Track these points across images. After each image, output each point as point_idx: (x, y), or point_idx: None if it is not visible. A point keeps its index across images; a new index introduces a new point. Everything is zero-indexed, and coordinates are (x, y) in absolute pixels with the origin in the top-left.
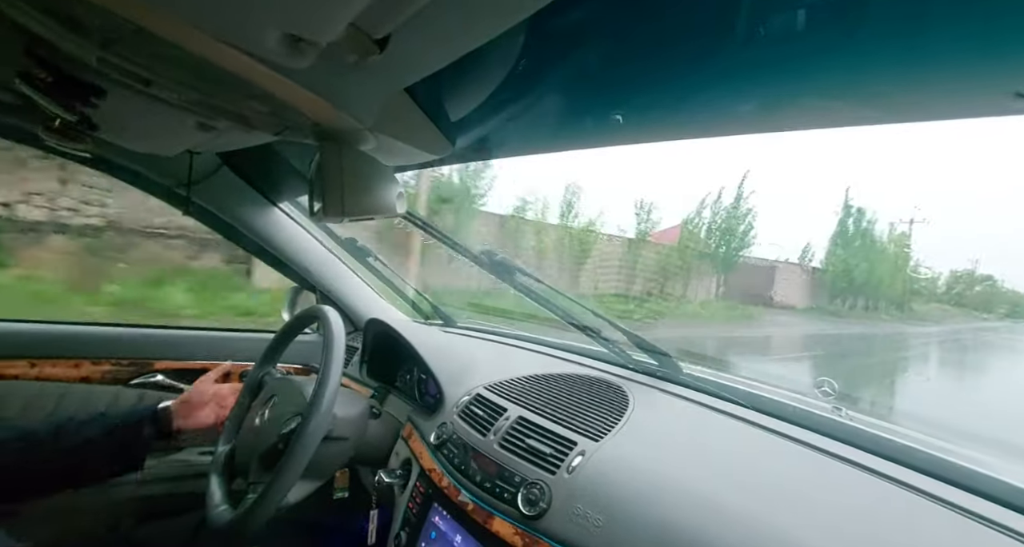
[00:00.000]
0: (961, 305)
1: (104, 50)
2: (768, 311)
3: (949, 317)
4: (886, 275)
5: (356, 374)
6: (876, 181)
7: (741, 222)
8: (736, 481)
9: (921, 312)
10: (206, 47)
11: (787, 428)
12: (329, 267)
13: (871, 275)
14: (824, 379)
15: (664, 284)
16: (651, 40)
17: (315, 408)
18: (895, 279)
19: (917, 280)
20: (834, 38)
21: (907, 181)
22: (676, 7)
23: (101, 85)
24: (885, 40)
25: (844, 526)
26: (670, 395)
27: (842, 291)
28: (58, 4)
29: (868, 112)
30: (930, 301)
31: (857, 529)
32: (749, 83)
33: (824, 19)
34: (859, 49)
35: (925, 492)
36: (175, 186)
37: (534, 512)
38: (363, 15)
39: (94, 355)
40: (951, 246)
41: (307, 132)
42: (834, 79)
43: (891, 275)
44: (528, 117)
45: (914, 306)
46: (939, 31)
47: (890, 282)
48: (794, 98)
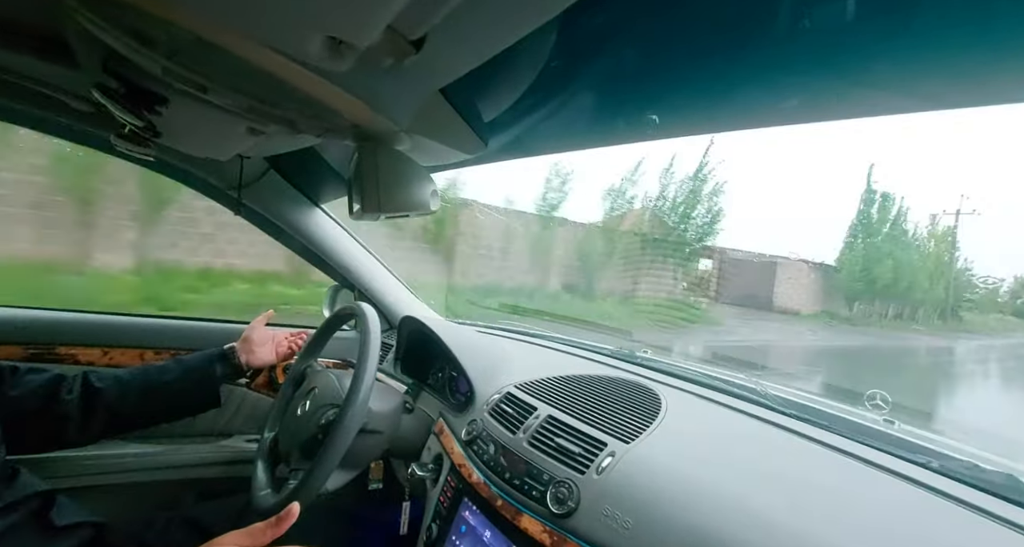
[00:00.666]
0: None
1: (169, 60)
2: (748, 313)
3: (1011, 328)
4: (923, 275)
5: (391, 370)
6: (911, 166)
7: (704, 202)
8: (775, 490)
9: (974, 323)
10: (256, 54)
11: (832, 438)
12: (367, 266)
13: (902, 274)
14: (876, 391)
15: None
16: (687, 36)
17: (352, 401)
18: (936, 280)
19: (969, 283)
20: (881, 24)
21: (951, 167)
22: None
23: (164, 94)
24: (942, 23)
25: (895, 543)
26: (705, 400)
27: (861, 294)
28: (131, 21)
29: (916, 101)
30: (988, 311)
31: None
32: (793, 75)
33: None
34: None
35: (988, 512)
36: (227, 189)
37: (562, 511)
38: (400, 17)
39: (157, 345)
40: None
41: (347, 134)
42: (885, 67)
43: (931, 275)
44: (561, 115)
45: (964, 315)
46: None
47: (929, 285)
48: (839, 88)
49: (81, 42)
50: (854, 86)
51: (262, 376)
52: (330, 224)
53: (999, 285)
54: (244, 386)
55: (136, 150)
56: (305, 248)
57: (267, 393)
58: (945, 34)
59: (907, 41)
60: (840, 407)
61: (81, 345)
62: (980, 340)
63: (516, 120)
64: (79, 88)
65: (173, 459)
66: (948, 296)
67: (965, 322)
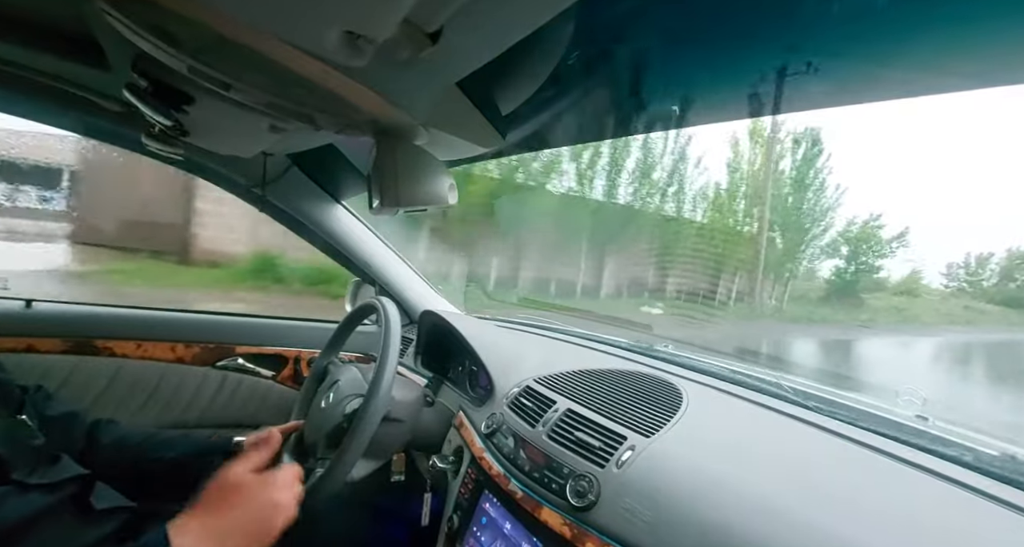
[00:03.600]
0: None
1: (194, 59)
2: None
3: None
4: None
5: (411, 364)
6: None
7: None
8: (800, 486)
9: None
10: (276, 50)
11: (860, 434)
12: (387, 261)
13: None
14: (909, 387)
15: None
16: (709, 21)
17: (375, 389)
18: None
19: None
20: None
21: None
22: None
23: (190, 92)
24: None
25: (926, 541)
26: (728, 395)
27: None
28: (158, 20)
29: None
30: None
31: (941, 541)
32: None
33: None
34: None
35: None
36: (251, 186)
37: (582, 504)
38: (416, 10)
39: (187, 339)
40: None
41: (365, 128)
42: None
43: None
44: (578, 106)
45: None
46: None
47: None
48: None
49: (112, 43)
50: (885, 68)
51: (287, 369)
52: (351, 220)
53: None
54: (270, 380)
55: (165, 149)
56: (327, 244)
57: (292, 386)
58: (982, 12)
59: (941, 22)
60: (869, 403)
61: (117, 338)
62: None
63: (533, 112)
64: (111, 89)
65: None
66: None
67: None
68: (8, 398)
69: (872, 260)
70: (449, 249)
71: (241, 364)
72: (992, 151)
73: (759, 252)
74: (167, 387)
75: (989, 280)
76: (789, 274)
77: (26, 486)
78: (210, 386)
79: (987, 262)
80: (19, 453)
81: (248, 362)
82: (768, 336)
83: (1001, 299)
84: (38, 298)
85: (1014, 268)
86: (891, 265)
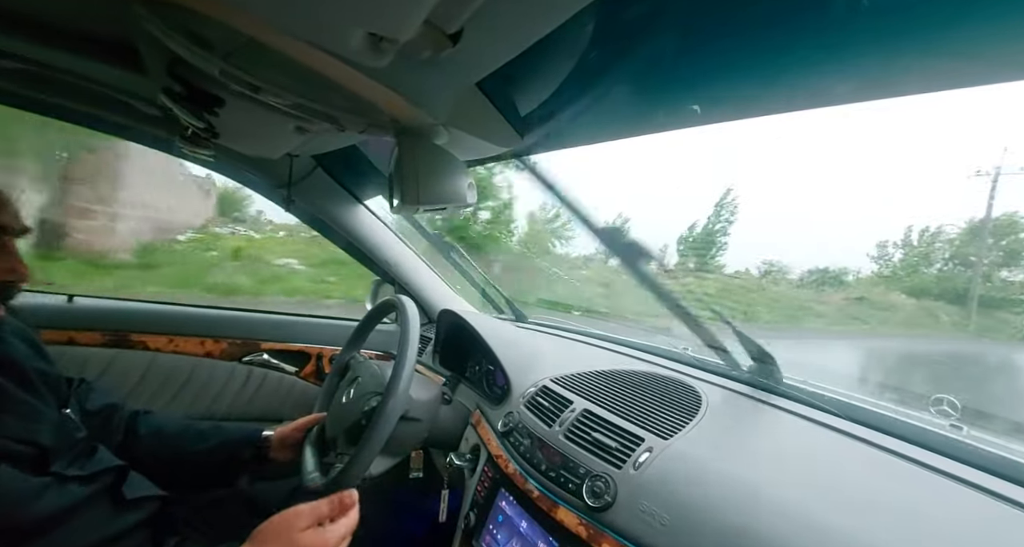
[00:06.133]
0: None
1: (225, 62)
2: None
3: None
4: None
5: (430, 363)
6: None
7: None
8: (820, 491)
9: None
10: (302, 52)
11: (889, 441)
12: (407, 261)
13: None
14: (943, 396)
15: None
16: (733, 17)
17: (393, 388)
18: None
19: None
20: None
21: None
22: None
23: (222, 95)
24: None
25: None
26: (748, 398)
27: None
28: (191, 25)
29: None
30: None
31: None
32: (848, 55)
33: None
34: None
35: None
36: (278, 187)
37: (599, 504)
38: (436, 10)
39: (215, 334)
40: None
41: (387, 128)
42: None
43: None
44: (597, 106)
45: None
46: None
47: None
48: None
49: (149, 49)
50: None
51: (309, 365)
52: (372, 220)
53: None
54: (293, 375)
55: (197, 151)
56: (349, 243)
57: (314, 382)
58: (1006, 9)
59: (973, 13)
60: (899, 410)
61: (150, 333)
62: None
63: (552, 112)
64: (147, 93)
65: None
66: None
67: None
68: (57, 392)
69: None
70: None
71: (266, 360)
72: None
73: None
74: (196, 380)
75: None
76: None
77: (64, 478)
78: (237, 380)
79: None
80: (63, 446)
81: (273, 358)
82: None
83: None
84: (79, 293)
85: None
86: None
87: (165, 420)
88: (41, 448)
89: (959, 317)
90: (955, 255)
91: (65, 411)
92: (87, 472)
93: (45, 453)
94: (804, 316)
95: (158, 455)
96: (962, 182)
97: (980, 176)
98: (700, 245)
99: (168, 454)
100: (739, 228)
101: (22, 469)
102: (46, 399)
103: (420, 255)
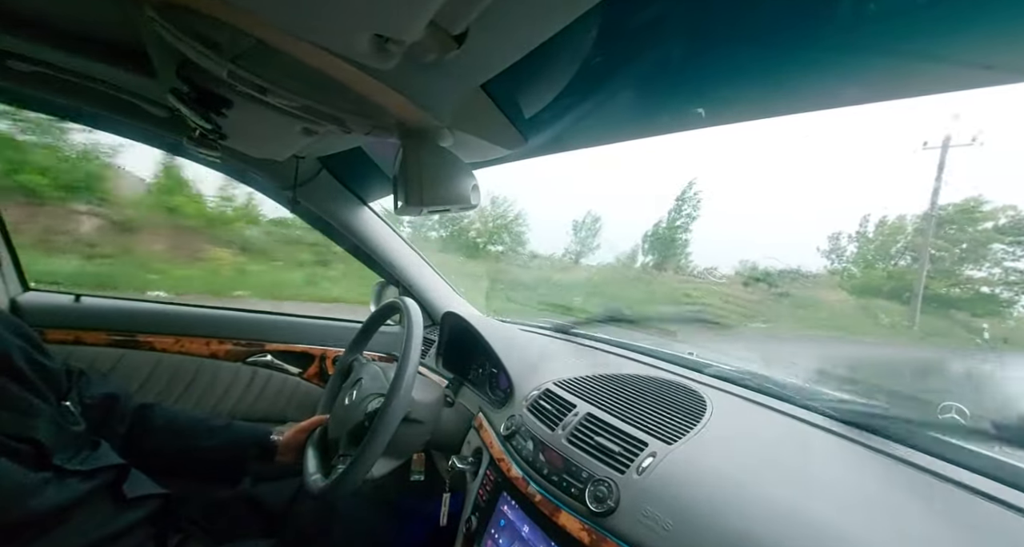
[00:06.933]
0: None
1: (234, 64)
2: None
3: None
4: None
5: (433, 365)
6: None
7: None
8: (826, 497)
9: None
10: (309, 54)
11: (898, 449)
12: (411, 263)
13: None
14: (951, 403)
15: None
16: (739, 20)
17: (396, 390)
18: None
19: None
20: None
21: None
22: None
23: (229, 97)
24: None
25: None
26: (754, 403)
27: None
28: (200, 27)
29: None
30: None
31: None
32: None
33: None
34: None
35: None
36: (283, 189)
37: (601, 509)
38: (442, 12)
39: (220, 335)
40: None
41: (392, 130)
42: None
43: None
44: (602, 108)
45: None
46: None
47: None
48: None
49: (158, 51)
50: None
51: (313, 367)
52: (377, 222)
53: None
54: (297, 376)
55: (205, 152)
56: (354, 246)
57: (318, 383)
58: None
59: (983, 16)
60: (908, 418)
61: (157, 333)
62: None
63: (556, 115)
64: (156, 94)
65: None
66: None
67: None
68: (56, 385)
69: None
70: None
71: (270, 361)
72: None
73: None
74: (202, 381)
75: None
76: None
77: (65, 472)
78: (241, 381)
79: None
80: (62, 439)
81: (277, 359)
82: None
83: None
84: (86, 293)
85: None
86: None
87: (178, 413)
88: (38, 443)
89: (899, 317)
90: (905, 246)
91: (65, 404)
92: (88, 467)
93: (43, 448)
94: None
95: (167, 448)
96: (910, 158)
97: (928, 149)
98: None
99: (178, 446)
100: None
101: (22, 464)
102: (43, 393)
103: (424, 257)
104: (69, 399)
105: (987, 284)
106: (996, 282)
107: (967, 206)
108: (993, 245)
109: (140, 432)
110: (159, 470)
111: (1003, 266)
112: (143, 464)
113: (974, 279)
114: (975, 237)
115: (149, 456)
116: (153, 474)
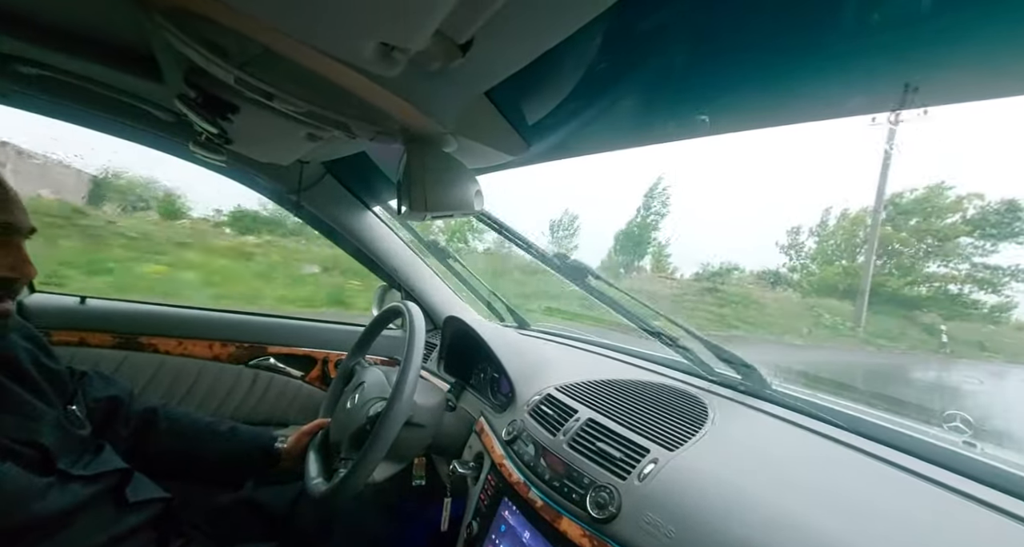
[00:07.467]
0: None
1: (241, 70)
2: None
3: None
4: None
5: (435, 369)
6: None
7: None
8: (828, 505)
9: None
10: (316, 61)
11: (898, 457)
12: (414, 268)
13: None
14: (955, 412)
15: None
16: (746, 29)
17: (398, 393)
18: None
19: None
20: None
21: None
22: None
23: (236, 103)
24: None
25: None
26: (755, 411)
27: None
28: (208, 34)
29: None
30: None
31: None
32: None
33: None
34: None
35: None
36: (288, 193)
37: (603, 516)
38: (447, 21)
39: (223, 337)
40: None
41: (396, 136)
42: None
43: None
44: (605, 115)
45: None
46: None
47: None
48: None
49: (166, 57)
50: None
51: (315, 370)
52: (380, 226)
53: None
54: (299, 379)
55: (210, 156)
56: (357, 250)
57: (319, 386)
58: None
59: (986, 33)
60: (911, 426)
61: (161, 335)
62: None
63: (560, 122)
64: (163, 99)
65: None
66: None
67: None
68: (62, 389)
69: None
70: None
71: (272, 363)
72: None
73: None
74: (204, 383)
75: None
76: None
77: (69, 476)
78: (243, 384)
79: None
80: (66, 443)
81: (279, 362)
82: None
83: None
84: (91, 295)
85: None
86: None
87: (182, 417)
88: (42, 448)
89: (842, 317)
90: (866, 239)
91: (71, 408)
92: (91, 472)
93: (48, 452)
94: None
95: (171, 452)
96: (862, 136)
97: (876, 126)
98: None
99: (182, 451)
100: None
101: (26, 469)
102: (48, 397)
103: (427, 262)
104: (75, 403)
105: (953, 281)
106: (963, 279)
107: (929, 196)
108: (960, 239)
109: (144, 435)
110: (162, 473)
111: (972, 262)
112: (146, 467)
113: (938, 276)
114: (939, 229)
115: (152, 459)
116: (156, 477)
